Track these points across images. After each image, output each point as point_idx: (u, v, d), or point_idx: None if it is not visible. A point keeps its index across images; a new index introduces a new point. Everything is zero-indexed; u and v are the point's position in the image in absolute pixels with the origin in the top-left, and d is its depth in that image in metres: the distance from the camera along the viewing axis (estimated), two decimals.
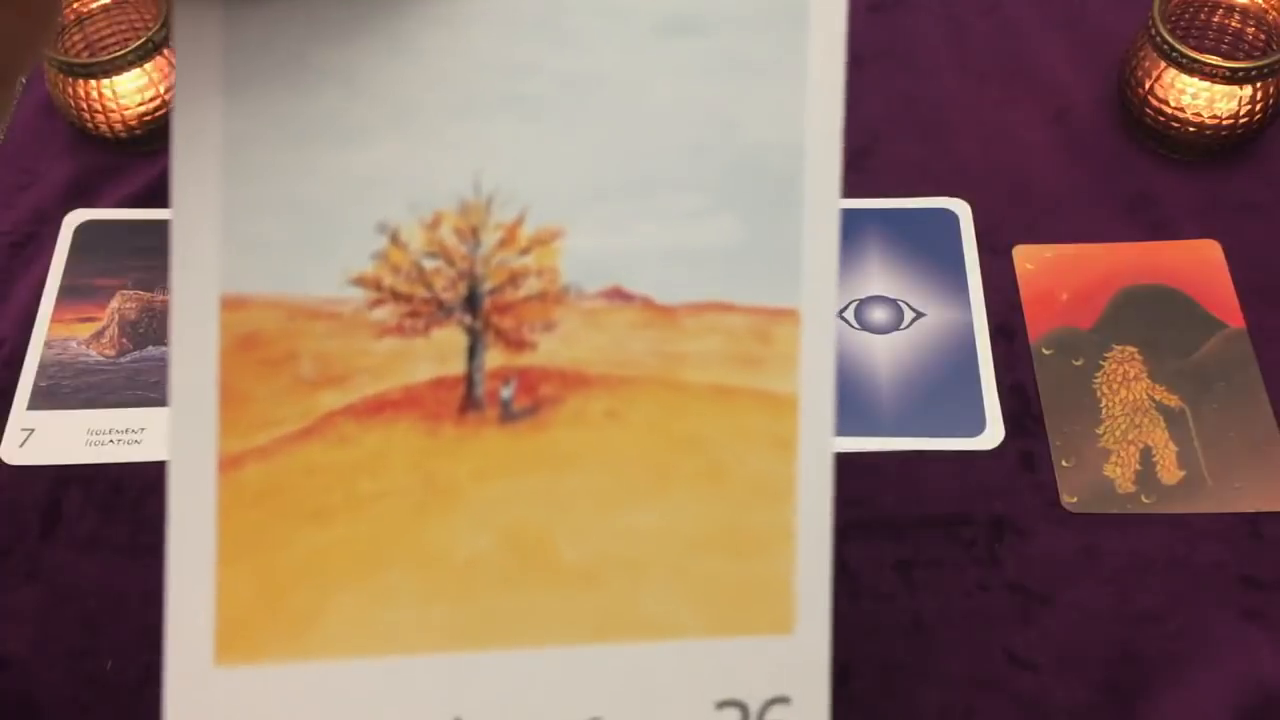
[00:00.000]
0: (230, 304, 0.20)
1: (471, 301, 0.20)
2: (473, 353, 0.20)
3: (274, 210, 0.19)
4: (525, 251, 0.20)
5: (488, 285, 0.20)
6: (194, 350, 0.19)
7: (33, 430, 0.47)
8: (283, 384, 0.20)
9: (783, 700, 0.21)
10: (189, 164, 0.19)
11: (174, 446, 0.20)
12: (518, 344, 0.20)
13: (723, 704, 0.21)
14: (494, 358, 0.20)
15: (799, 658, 0.21)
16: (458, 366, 0.20)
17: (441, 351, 0.20)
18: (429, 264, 0.20)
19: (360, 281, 0.20)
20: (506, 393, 0.20)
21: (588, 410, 0.20)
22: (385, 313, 0.20)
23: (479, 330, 0.20)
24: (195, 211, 0.19)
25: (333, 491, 0.20)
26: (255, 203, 0.19)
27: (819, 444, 0.21)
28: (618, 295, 0.21)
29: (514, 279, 0.20)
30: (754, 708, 0.21)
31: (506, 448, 0.20)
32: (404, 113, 0.19)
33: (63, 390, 0.48)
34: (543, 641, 0.20)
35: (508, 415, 0.20)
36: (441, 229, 0.20)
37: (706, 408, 0.21)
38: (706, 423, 0.21)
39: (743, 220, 0.21)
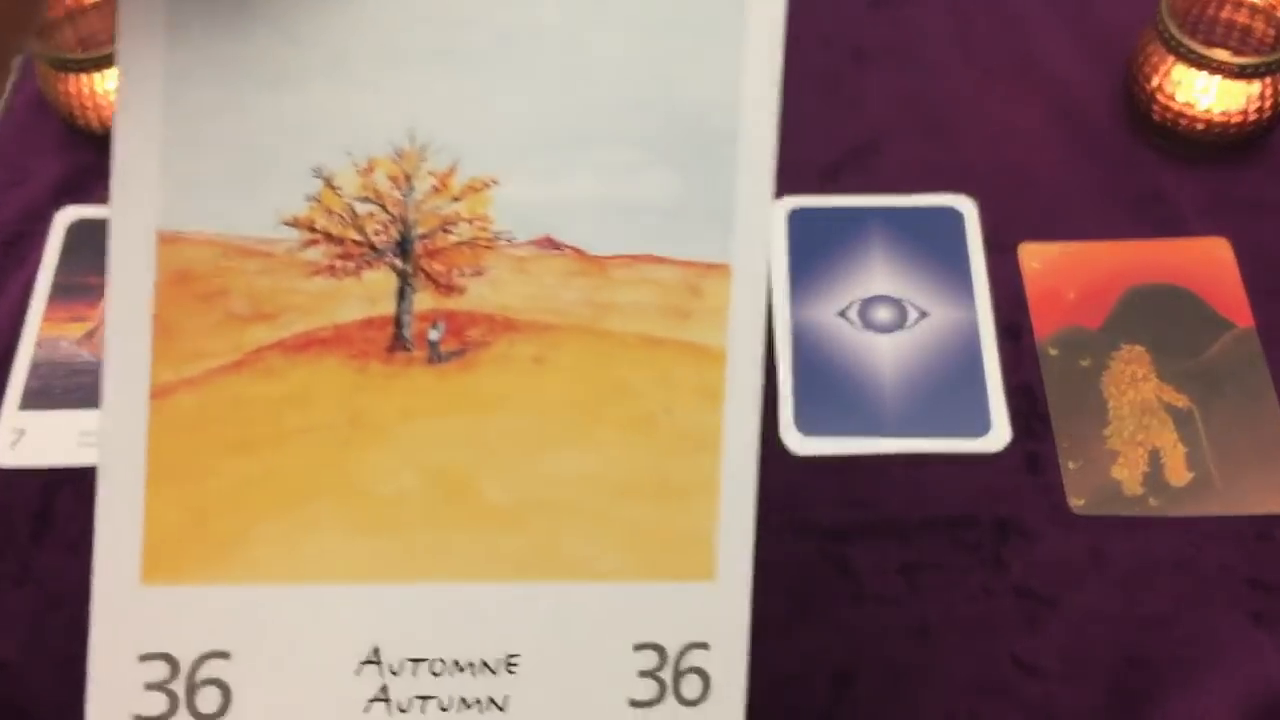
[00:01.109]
0: (166, 240, 0.20)
1: (403, 245, 0.21)
2: (402, 295, 0.21)
3: (211, 150, 0.20)
4: (457, 199, 0.21)
5: (419, 230, 0.21)
6: (130, 283, 0.20)
7: (24, 431, 0.47)
8: (215, 318, 0.21)
9: (701, 645, 0.22)
10: (131, 100, 0.20)
11: (108, 374, 0.21)
12: (447, 288, 0.21)
13: (641, 646, 0.22)
14: (423, 300, 0.21)
15: (719, 604, 0.22)
16: (387, 307, 0.21)
17: (371, 292, 0.21)
18: (362, 208, 0.21)
19: (294, 223, 0.21)
20: (434, 334, 0.21)
21: (514, 354, 0.21)
22: (317, 253, 0.21)
23: (409, 273, 0.21)
24: (136, 148, 0.20)
25: (260, 423, 0.21)
26: (193, 142, 0.20)
27: (746, 396, 0.22)
28: (549, 244, 0.21)
29: (445, 225, 0.21)
30: (672, 651, 0.22)
31: (433, 388, 0.21)
32: (337, 59, 0.20)
33: (54, 391, 0.48)
34: (463, 577, 0.21)
35: (435, 356, 0.21)
36: (375, 174, 0.21)
37: (634, 356, 0.21)
38: (634, 371, 0.21)
39: (677, 175, 0.21)
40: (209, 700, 0.20)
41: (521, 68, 0.20)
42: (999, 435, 0.46)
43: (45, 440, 0.47)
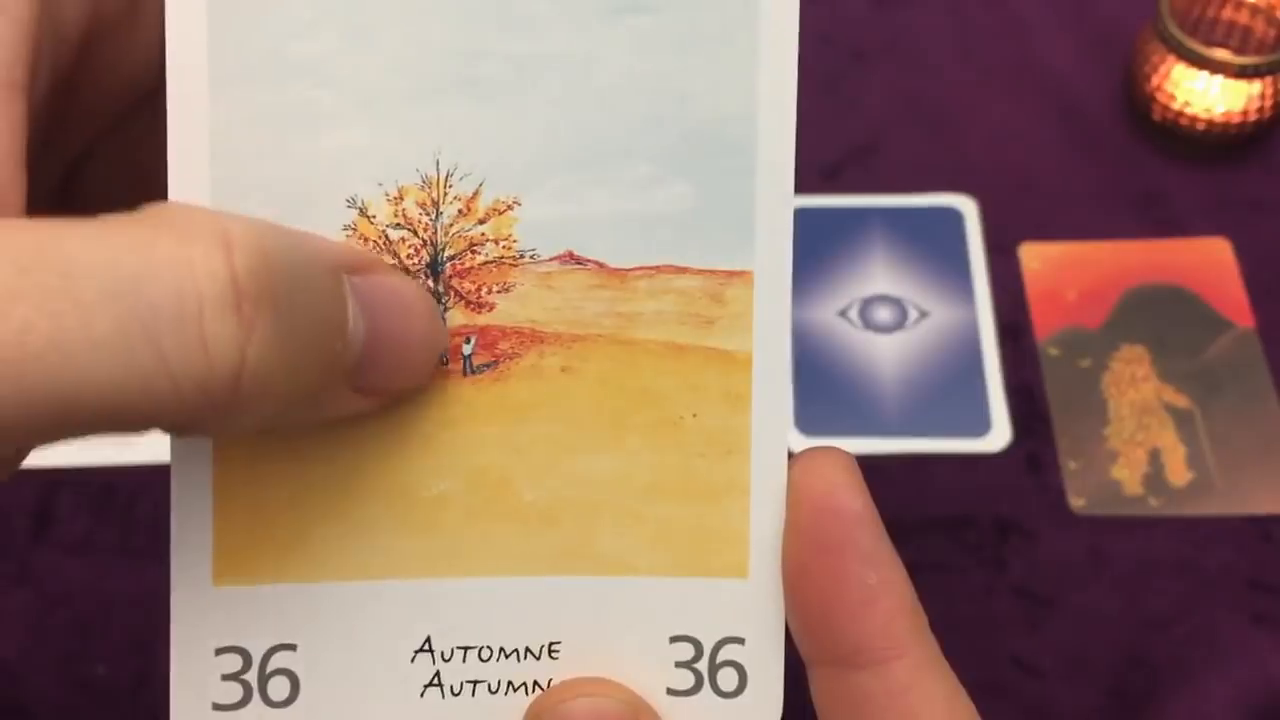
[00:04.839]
0: None
1: (434, 267, 0.22)
2: None
3: (256, 191, 0.21)
4: (482, 221, 0.22)
5: (448, 252, 0.22)
6: None
7: None
8: None
9: (737, 640, 0.22)
10: (181, 151, 0.21)
11: None
12: (477, 305, 0.22)
13: (676, 638, 0.22)
14: (455, 317, 0.22)
15: (753, 601, 0.22)
16: None
17: None
18: (394, 234, 0.22)
19: None
20: (468, 349, 0.22)
21: (543, 365, 0.22)
22: None
23: (441, 293, 0.22)
24: (187, 193, 0.21)
25: (313, 436, 0.22)
26: (239, 184, 0.21)
27: (774, 400, 0.22)
28: (571, 259, 0.22)
29: (472, 246, 0.22)
30: (708, 645, 0.22)
31: (469, 398, 0.22)
32: (368, 100, 0.21)
33: None
34: (504, 571, 0.22)
35: (469, 369, 0.22)
36: (405, 202, 0.22)
37: (659, 363, 0.22)
38: (659, 377, 0.22)
39: (694, 187, 0.22)
40: (279, 689, 0.22)
41: (537, 93, 0.21)
42: (999, 435, 0.46)
43: None
